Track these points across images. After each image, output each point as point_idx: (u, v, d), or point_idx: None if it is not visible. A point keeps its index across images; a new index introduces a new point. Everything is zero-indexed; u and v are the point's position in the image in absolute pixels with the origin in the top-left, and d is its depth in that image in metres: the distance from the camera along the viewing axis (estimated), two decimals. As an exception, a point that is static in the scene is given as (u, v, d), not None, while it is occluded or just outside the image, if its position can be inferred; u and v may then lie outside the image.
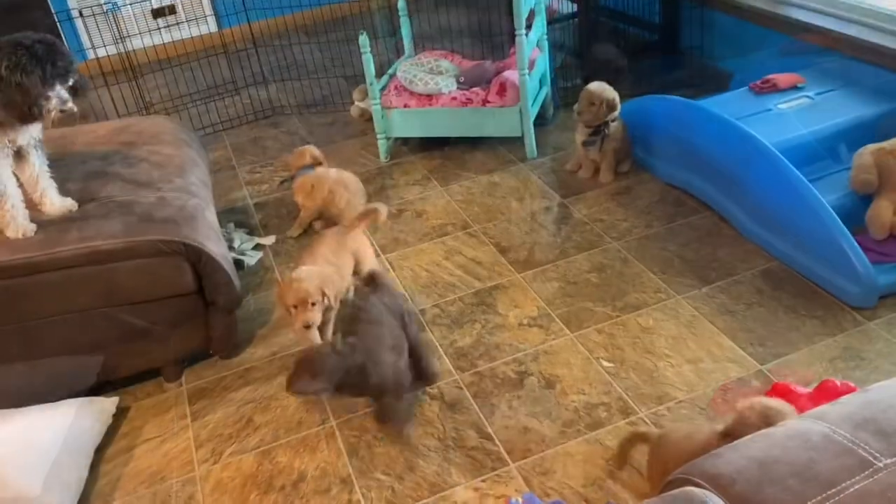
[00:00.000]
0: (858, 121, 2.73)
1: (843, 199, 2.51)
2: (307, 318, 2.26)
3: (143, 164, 2.64)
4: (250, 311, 2.72)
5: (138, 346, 2.34)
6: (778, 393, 2.00)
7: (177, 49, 4.74)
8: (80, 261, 2.18)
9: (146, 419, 2.33)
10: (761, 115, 2.85)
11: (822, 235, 2.37)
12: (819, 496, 1.01)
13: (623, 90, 3.17)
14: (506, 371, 2.30)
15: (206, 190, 2.70)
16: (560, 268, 2.71)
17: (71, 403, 2.22)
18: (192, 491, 2.07)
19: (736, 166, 2.69)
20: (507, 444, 2.06)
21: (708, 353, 2.26)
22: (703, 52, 3.79)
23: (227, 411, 2.31)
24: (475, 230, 2.99)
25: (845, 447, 1.07)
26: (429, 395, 2.25)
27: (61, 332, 2.25)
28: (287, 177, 3.17)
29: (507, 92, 3.33)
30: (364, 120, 3.99)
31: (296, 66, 4.77)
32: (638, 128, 3.18)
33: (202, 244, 2.29)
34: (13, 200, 2.24)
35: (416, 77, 3.48)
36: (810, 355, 2.20)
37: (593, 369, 2.26)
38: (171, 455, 2.19)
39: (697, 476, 1.10)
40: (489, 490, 1.94)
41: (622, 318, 2.44)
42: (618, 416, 2.09)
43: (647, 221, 2.89)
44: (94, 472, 2.16)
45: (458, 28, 4.92)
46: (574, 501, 1.87)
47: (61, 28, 4.78)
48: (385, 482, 2.01)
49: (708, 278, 2.55)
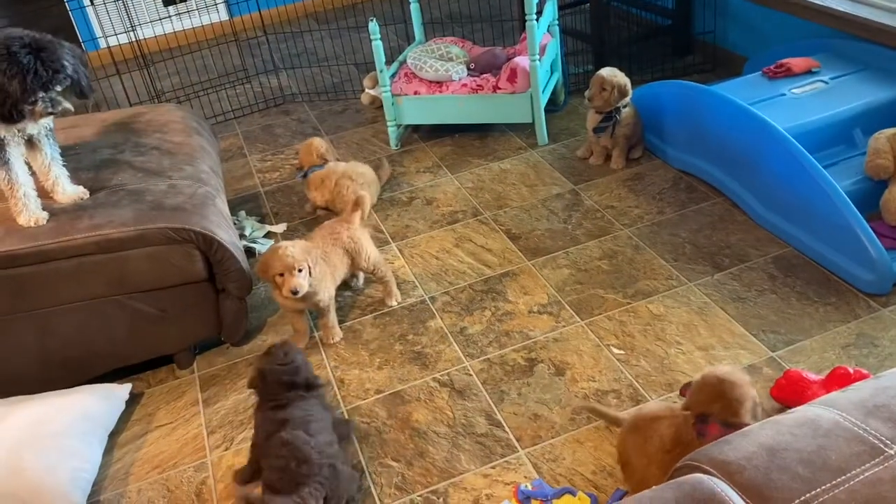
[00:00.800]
0: (874, 105, 2.69)
1: (857, 185, 2.48)
2: (294, 284, 2.24)
3: (154, 152, 2.64)
4: (261, 298, 2.73)
5: (150, 333, 2.35)
6: (790, 380, 1.99)
7: (188, 37, 4.76)
8: (91, 249, 2.19)
9: (159, 405, 2.35)
10: (775, 99, 2.82)
11: (836, 221, 2.35)
12: (829, 483, 1.00)
13: (635, 75, 3.14)
14: (515, 358, 2.30)
15: (217, 178, 2.70)
16: (571, 255, 2.70)
17: (85, 390, 2.25)
18: (204, 476, 2.09)
19: (749, 152, 2.66)
20: (517, 431, 2.06)
21: (719, 340, 2.24)
22: (716, 37, 3.75)
23: (239, 398, 2.33)
24: (485, 217, 2.98)
25: (856, 434, 1.07)
26: (439, 382, 2.26)
27: (74, 320, 2.27)
28: (301, 173, 3.18)
29: (517, 78, 3.31)
30: (375, 107, 3.99)
31: (306, 54, 4.77)
32: (650, 114, 3.15)
33: (213, 232, 2.30)
34: (25, 189, 2.26)
35: (426, 64, 3.46)
36: (823, 342, 2.18)
37: (603, 356, 2.26)
38: (184, 441, 2.21)
39: (705, 463, 1.09)
40: (498, 476, 1.95)
41: (633, 306, 2.43)
42: (628, 403, 2.09)
43: (659, 208, 2.87)
44: (108, 457, 2.18)
45: (469, 14, 4.90)
46: (583, 488, 1.87)
47: (73, 17, 4.80)
48: (395, 468, 2.02)
49: (720, 265, 2.53)
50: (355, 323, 2.55)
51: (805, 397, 1.91)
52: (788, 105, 2.77)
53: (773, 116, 2.61)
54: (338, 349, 2.45)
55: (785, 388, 1.98)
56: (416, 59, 3.52)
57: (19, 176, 2.25)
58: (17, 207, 2.26)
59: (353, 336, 2.49)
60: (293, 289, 2.24)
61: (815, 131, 2.64)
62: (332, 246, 2.46)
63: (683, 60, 3.84)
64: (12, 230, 2.22)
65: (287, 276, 2.25)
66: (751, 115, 2.64)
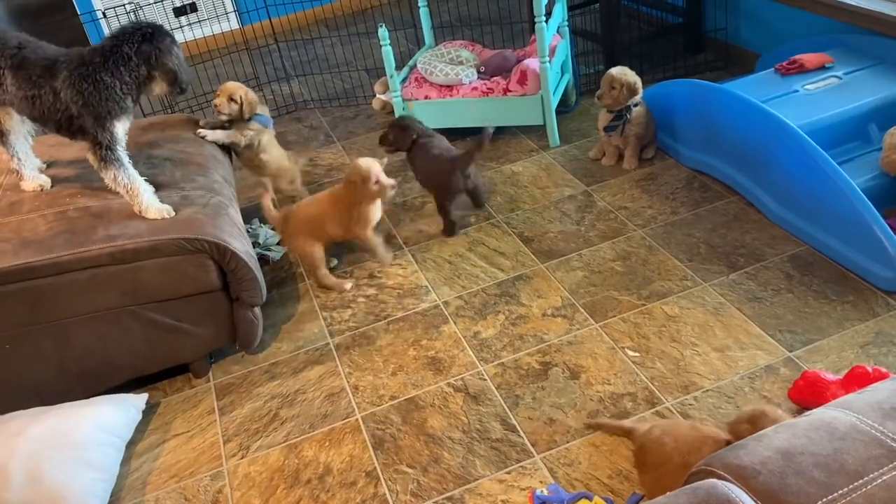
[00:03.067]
0: (889, 100, 2.66)
1: (873, 181, 2.45)
2: (390, 181, 2.62)
3: (167, 163, 2.66)
4: (275, 306, 2.74)
5: (166, 342, 2.37)
6: (808, 381, 1.97)
7: (199, 47, 4.79)
8: (105, 260, 2.21)
9: (175, 415, 2.36)
10: (788, 96, 2.79)
11: (852, 218, 2.32)
12: (845, 488, 0.99)
13: (646, 74, 3.12)
14: (530, 362, 2.29)
15: (230, 187, 2.72)
16: (584, 257, 2.68)
17: (102, 400, 2.26)
18: (221, 485, 2.10)
19: (762, 150, 2.64)
20: (532, 436, 2.05)
21: (735, 341, 2.22)
22: (727, 34, 3.72)
23: (254, 406, 2.33)
24: (498, 220, 2.97)
25: (873, 437, 1.05)
26: (453, 387, 2.25)
27: (91, 331, 2.29)
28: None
29: (527, 80, 3.30)
30: (386, 112, 3.99)
31: (317, 61, 4.79)
32: (662, 113, 3.13)
33: (226, 242, 2.31)
34: (144, 184, 2.36)
35: (436, 68, 3.46)
36: (841, 341, 2.15)
37: (618, 359, 2.24)
38: (200, 450, 2.22)
39: (720, 468, 1.08)
40: (514, 482, 1.94)
41: (647, 307, 2.41)
42: (644, 406, 2.07)
43: (673, 208, 2.85)
44: (126, 467, 2.20)
45: (478, 17, 4.90)
46: (599, 492, 1.86)
47: (87, 29, 4.84)
48: (410, 475, 2.01)
49: (735, 264, 2.51)
50: (369, 329, 2.55)
51: (824, 398, 1.89)
52: (802, 101, 2.74)
53: (787, 113, 2.58)
54: (351, 355, 2.45)
55: (803, 390, 1.96)
56: (426, 64, 3.52)
57: (136, 179, 2.34)
58: (144, 203, 2.33)
59: (366, 342, 2.50)
60: (392, 184, 2.62)
61: (829, 127, 2.61)
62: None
63: (695, 58, 3.81)
64: (27, 242, 2.24)
65: (382, 178, 2.60)
66: (764, 112, 2.61)
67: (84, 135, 2.30)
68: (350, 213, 2.68)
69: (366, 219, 2.70)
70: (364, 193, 2.63)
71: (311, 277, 2.82)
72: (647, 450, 1.80)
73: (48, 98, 2.22)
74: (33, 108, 2.26)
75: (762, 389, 2.05)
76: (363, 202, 2.66)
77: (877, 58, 2.87)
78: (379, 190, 2.62)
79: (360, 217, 2.68)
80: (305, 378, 2.40)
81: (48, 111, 2.25)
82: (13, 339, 2.24)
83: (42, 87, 2.22)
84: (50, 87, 2.22)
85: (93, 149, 2.30)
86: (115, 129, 2.29)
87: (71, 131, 2.31)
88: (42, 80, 2.22)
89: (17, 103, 2.29)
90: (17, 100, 2.27)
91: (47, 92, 2.22)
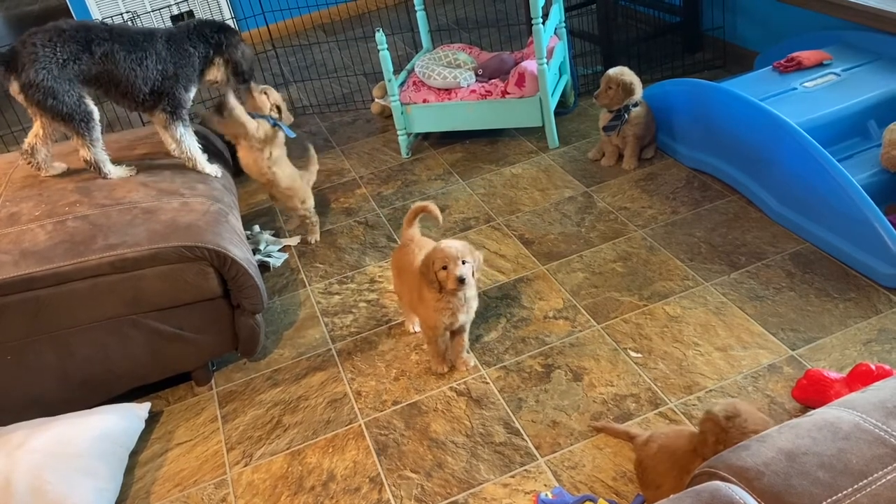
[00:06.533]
0: (888, 95, 2.65)
1: (873, 178, 2.44)
2: (461, 272, 2.09)
3: (167, 171, 2.66)
4: (277, 312, 2.73)
5: (168, 351, 2.36)
6: (811, 380, 1.96)
7: (197, 54, 4.77)
8: (105, 269, 2.21)
9: (178, 423, 2.36)
10: (787, 94, 2.79)
11: (853, 215, 2.31)
12: (850, 488, 0.98)
13: (645, 74, 3.12)
14: (532, 365, 2.29)
15: (230, 194, 2.72)
16: (585, 258, 2.68)
17: (105, 410, 2.26)
18: (225, 493, 2.09)
19: (762, 148, 2.63)
20: (536, 439, 2.05)
21: (738, 340, 2.22)
22: (725, 33, 3.71)
23: (257, 413, 2.33)
24: (498, 223, 2.97)
25: (877, 436, 1.04)
26: (455, 391, 2.25)
27: (92, 340, 2.28)
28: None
29: (525, 82, 3.30)
30: (384, 117, 3.99)
31: (315, 66, 4.79)
32: (661, 112, 3.13)
33: (226, 249, 2.30)
34: (198, 145, 2.73)
35: (434, 71, 3.46)
36: (844, 339, 2.15)
37: (621, 360, 2.24)
38: (203, 458, 2.22)
39: (723, 469, 1.07)
40: (518, 486, 1.93)
41: (649, 308, 2.40)
42: (647, 408, 2.07)
43: (673, 207, 2.84)
44: (129, 476, 2.19)
45: (475, 19, 4.90)
46: (604, 495, 1.85)
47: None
48: (414, 480, 2.01)
49: (736, 263, 2.51)
50: (370, 334, 2.55)
51: (828, 397, 1.88)
52: (801, 99, 2.74)
53: (786, 111, 2.58)
54: (353, 361, 2.45)
55: (807, 389, 1.95)
56: (424, 68, 3.52)
57: (194, 135, 2.73)
58: (199, 160, 2.69)
59: (368, 347, 2.49)
60: (461, 276, 2.08)
61: (828, 124, 2.60)
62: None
63: (693, 57, 3.81)
64: (27, 253, 2.24)
65: (451, 267, 2.09)
66: (763, 110, 2.61)
67: (159, 99, 2.61)
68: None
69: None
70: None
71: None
72: (645, 467, 1.79)
73: (152, 59, 2.54)
74: (138, 70, 2.52)
75: (765, 389, 2.04)
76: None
77: (875, 54, 2.87)
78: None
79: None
80: (308, 384, 2.39)
81: (147, 75, 2.54)
82: (15, 350, 2.24)
83: (148, 49, 2.54)
84: (154, 50, 2.55)
85: (166, 107, 2.62)
86: (188, 93, 2.66)
87: (155, 93, 2.59)
88: (147, 44, 2.55)
89: (121, 73, 2.50)
90: (124, 67, 2.50)
91: (151, 54, 2.54)
